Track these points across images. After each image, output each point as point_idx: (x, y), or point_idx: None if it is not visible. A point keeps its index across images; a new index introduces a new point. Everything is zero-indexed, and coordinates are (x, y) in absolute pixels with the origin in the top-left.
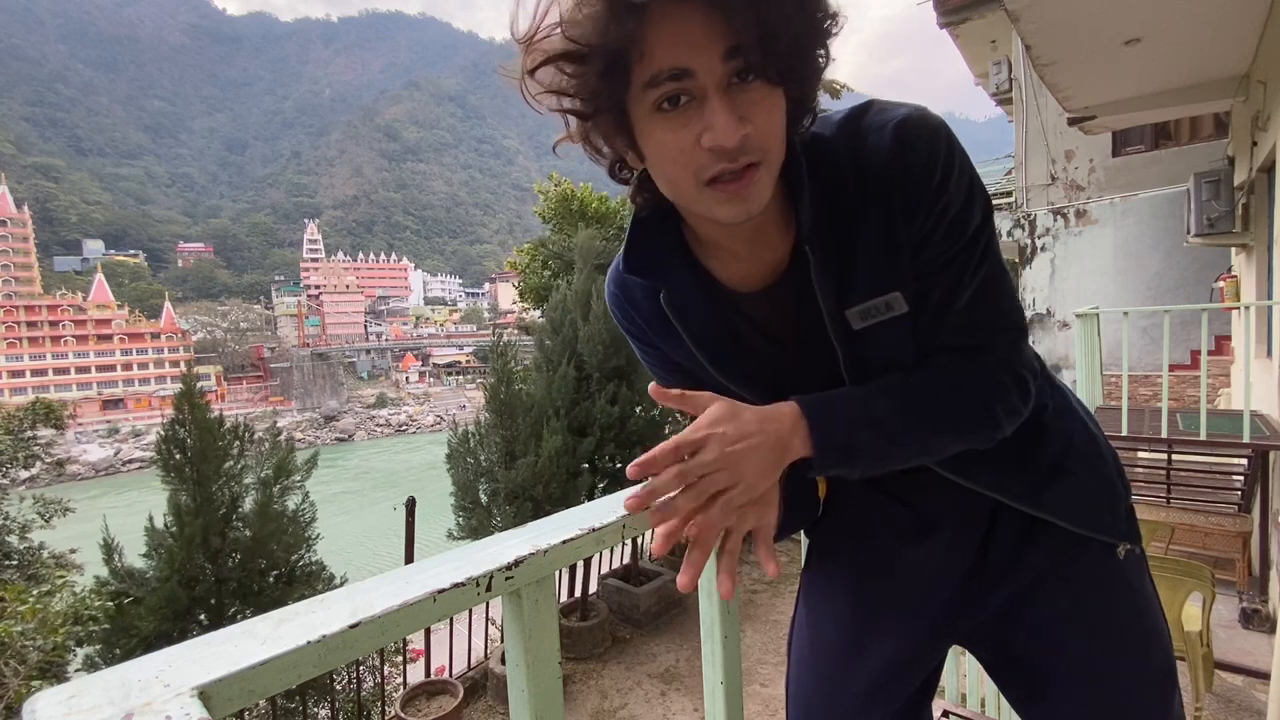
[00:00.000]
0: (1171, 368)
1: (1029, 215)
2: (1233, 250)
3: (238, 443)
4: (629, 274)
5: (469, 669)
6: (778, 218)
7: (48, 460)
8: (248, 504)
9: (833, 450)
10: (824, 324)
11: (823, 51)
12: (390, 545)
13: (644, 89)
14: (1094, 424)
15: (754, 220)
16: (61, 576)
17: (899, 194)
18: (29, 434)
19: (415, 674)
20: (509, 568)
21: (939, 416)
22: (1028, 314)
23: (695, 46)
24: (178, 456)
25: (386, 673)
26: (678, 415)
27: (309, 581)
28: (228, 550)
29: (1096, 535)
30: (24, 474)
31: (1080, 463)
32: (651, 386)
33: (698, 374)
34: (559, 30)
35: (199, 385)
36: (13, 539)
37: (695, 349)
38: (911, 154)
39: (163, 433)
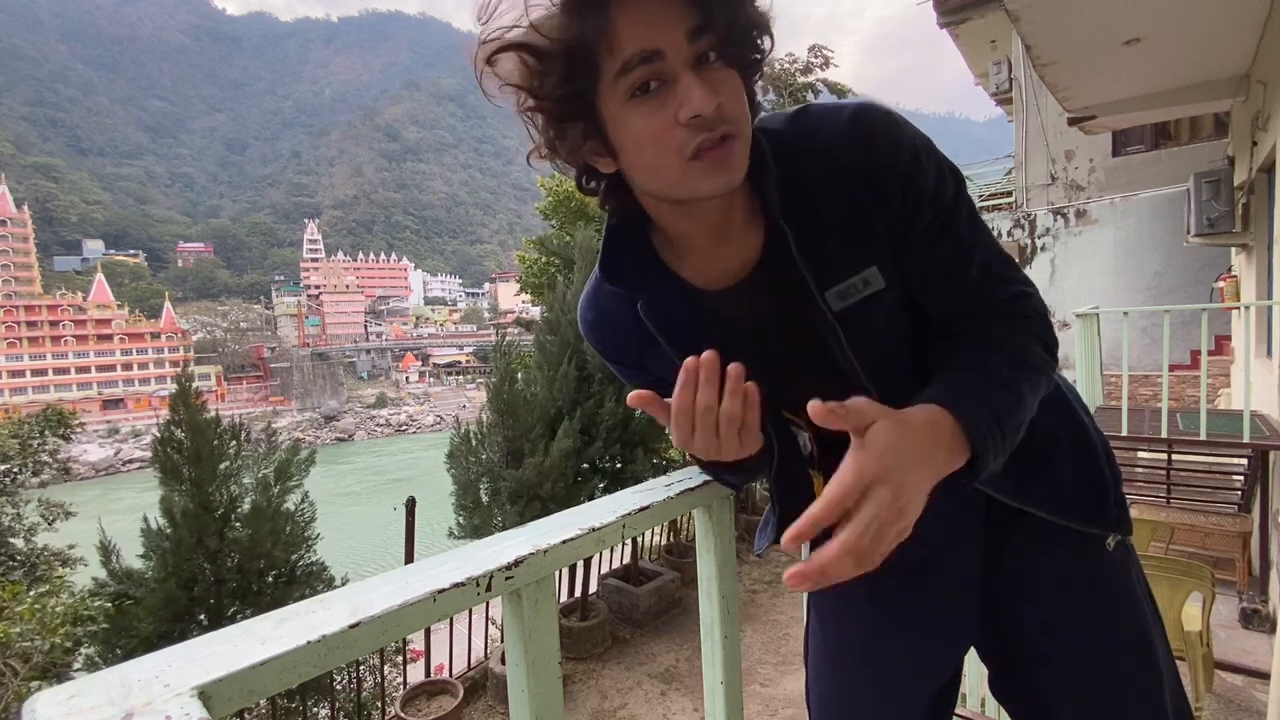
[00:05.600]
0: (1171, 368)
1: (1029, 215)
2: (1233, 250)
3: (234, 443)
4: (609, 284)
5: (469, 669)
6: (743, 212)
7: (55, 467)
8: (246, 504)
9: (991, 443)
10: (799, 315)
11: (767, 40)
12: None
13: (615, 79)
14: (1085, 412)
15: (720, 211)
16: (60, 576)
17: (866, 178)
18: (38, 442)
19: (415, 674)
20: (509, 568)
21: (1033, 370)
22: None
23: (661, 28)
24: (175, 457)
25: (386, 673)
26: None
27: (309, 582)
28: (226, 550)
29: (1082, 527)
30: (33, 479)
31: (1067, 454)
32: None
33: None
34: (523, 27)
35: (198, 385)
36: (18, 541)
37: (679, 358)
38: (874, 140)
39: (159, 434)
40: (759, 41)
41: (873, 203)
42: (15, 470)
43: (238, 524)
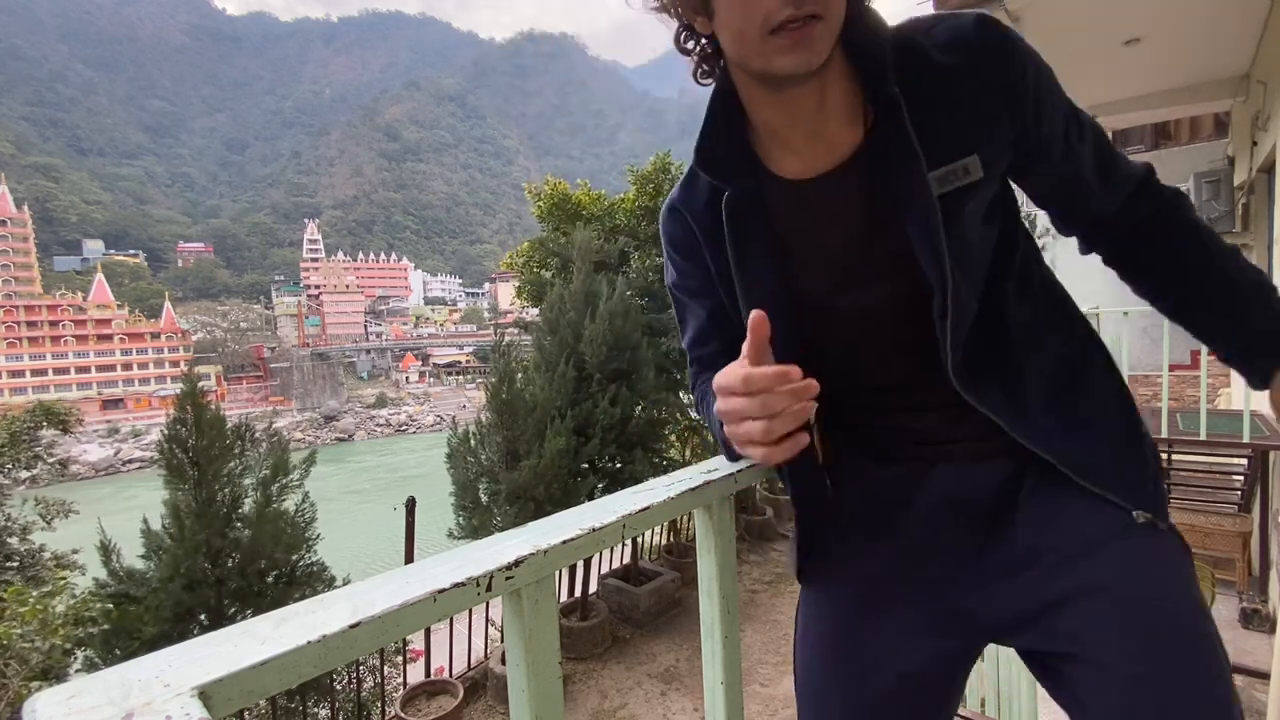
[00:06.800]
0: (1171, 368)
1: (1029, 215)
2: None
3: (240, 443)
4: (701, 170)
5: (469, 669)
6: (839, 103)
7: (50, 461)
8: (248, 505)
9: None
10: (890, 206)
11: None
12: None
13: None
14: (1129, 392)
15: (813, 96)
16: (63, 578)
17: (993, 76)
18: (31, 435)
19: (415, 674)
20: (509, 568)
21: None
22: None
23: None
24: (180, 456)
25: (386, 673)
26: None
27: (309, 582)
28: (228, 551)
29: (1110, 496)
30: (24, 474)
31: (1109, 420)
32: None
33: (725, 300)
34: None
35: (199, 385)
36: (14, 541)
37: (736, 264)
38: (1002, 44)
39: (165, 432)
40: None
41: (999, 100)
42: (6, 465)
43: (239, 524)
